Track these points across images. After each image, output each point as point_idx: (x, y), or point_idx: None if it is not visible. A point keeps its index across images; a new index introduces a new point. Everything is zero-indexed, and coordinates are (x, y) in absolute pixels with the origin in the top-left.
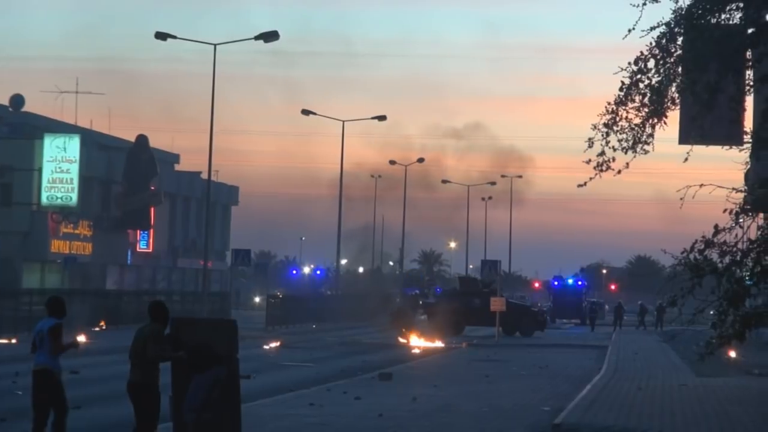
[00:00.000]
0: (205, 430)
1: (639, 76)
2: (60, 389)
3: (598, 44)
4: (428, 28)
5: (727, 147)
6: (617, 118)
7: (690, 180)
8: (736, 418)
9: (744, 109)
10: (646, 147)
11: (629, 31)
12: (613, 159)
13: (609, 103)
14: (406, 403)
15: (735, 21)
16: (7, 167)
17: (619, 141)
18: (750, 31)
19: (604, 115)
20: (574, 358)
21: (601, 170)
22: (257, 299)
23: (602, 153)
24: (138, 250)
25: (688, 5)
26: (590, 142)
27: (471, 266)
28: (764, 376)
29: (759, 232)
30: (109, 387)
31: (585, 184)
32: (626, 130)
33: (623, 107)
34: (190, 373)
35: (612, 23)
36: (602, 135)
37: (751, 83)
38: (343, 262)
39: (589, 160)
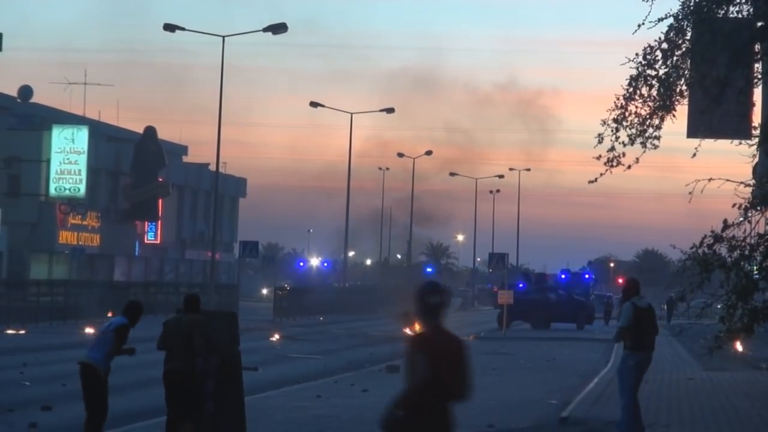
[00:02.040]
0: (206, 421)
1: (646, 69)
2: (103, 390)
3: (607, 37)
4: (438, 20)
5: (737, 141)
6: (626, 113)
7: (699, 174)
8: (744, 412)
9: (753, 104)
10: (655, 142)
11: (639, 26)
12: (623, 154)
13: (618, 98)
14: None
15: (744, 14)
16: (15, 158)
17: (629, 136)
18: (759, 24)
19: (613, 110)
20: (582, 352)
21: (612, 166)
22: (265, 291)
23: (612, 148)
24: (146, 241)
25: None
26: (600, 138)
27: (479, 259)
28: None
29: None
30: (115, 379)
31: (596, 180)
32: (635, 124)
33: (632, 101)
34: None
35: (624, 17)
36: (612, 130)
37: (760, 76)
38: (351, 254)
39: (599, 156)
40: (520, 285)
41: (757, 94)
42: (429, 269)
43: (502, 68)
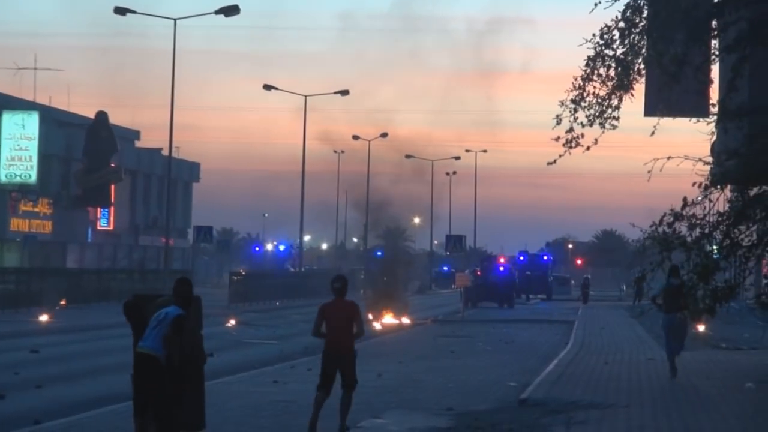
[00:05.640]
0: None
1: (604, 49)
2: (162, 378)
3: (559, 17)
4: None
5: (695, 119)
6: (584, 94)
7: (657, 154)
8: (704, 391)
9: (711, 81)
10: (614, 122)
11: (595, 5)
12: (582, 135)
13: (576, 79)
14: (371, 380)
15: None
16: None
17: (587, 117)
18: (715, 0)
19: (571, 91)
20: (540, 334)
21: (570, 147)
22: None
23: (571, 129)
24: (98, 228)
25: None
26: (558, 119)
27: (435, 242)
28: (731, 350)
29: (728, 205)
30: (71, 366)
31: (555, 161)
32: (594, 105)
33: (590, 82)
34: None
35: None
36: (570, 111)
37: (717, 53)
38: (306, 238)
39: (558, 138)
40: (521, 258)
41: (715, 71)
42: (378, 253)
43: (457, 48)
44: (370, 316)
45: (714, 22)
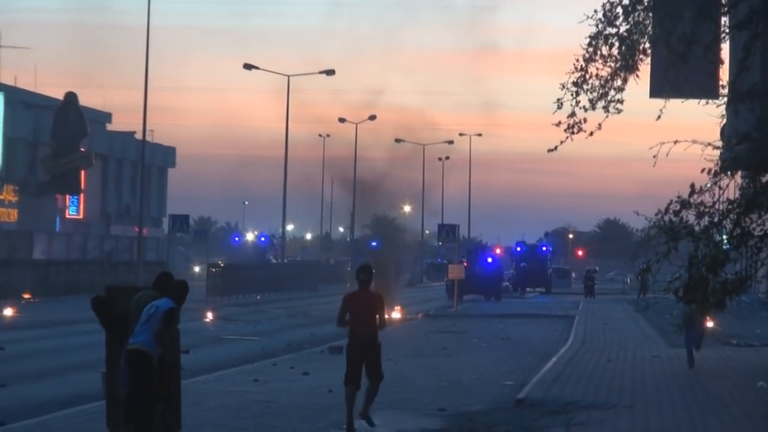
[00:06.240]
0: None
1: (606, 27)
2: (159, 374)
3: None
4: None
5: (704, 101)
6: (587, 76)
7: (663, 138)
8: (713, 391)
9: (721, 60)
10: (618, 105)
11: None
12: (585, 120)
13: (577, 60)
14: None
15: None
16: None
17: (590, 100)
18: None
19: (573, 72)
20: (539, 329)
21: (573, 132)
22: (197, 269)
23: (573, 114)
24: (67, 216)
25: None
26: (559, 103)
27: (427, 231)
28: (742, 347)
29: (738, 192)
30: (38, 364)
31: (556, 148)
32: (597, 88)
33: (593, 63)
34: (120, 342)
35: None
36: (572, 95)
37: (727, 30)
38: (289, 228)
39: (559, 123)
40: (518, 248)
41: (725, 50)
42: (374, 243)
43: (450, 25)
44: None
45: None
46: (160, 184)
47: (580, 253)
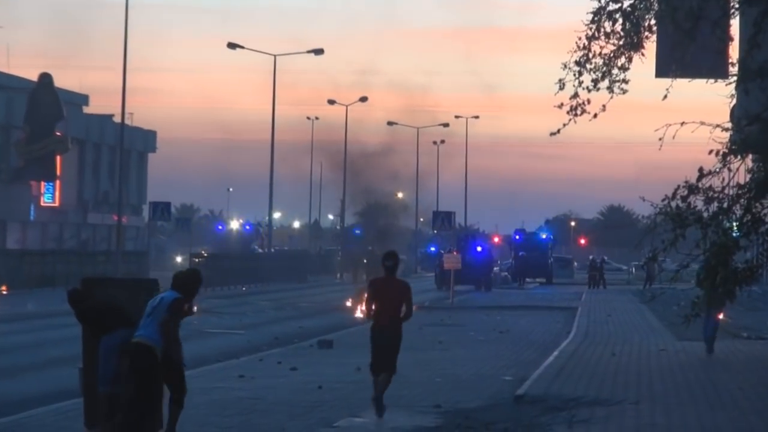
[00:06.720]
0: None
1: (609, 2)
2: (157, 370)
3: None
4: None
5: (712, 81)
6: (590, 55)
7: (670, 120)
8: (722, 386)
9: (731, 38)
10: (623, 86)
11: None
12: (588, 101)
13: (580, 38)
14: (348, 374)
15: None
16: None
17: (593, 80)
18: None
19: (575, 51)
20: (539, 322)
21: (576, 114)
22: (179, 259)
23: (575, 95)
24: (42, 204)
25: None
26: (561, 84)
27: (422, 219)
28: (753, 339)
29: (749, 176)
30: (11, 359)
31: (558, 131)
32: (600, 67)
33: (596, 41)
34: (97, 336)
35: None
36: (574, 75)
37: (737, 6)
38: (276, 216)
39: (561, 104)
40: (517, 237)
41: (735, 26)
42: (357, 231)
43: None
44: (349, 303)
45: None
46: (140, 170)
47: (582, 241)
